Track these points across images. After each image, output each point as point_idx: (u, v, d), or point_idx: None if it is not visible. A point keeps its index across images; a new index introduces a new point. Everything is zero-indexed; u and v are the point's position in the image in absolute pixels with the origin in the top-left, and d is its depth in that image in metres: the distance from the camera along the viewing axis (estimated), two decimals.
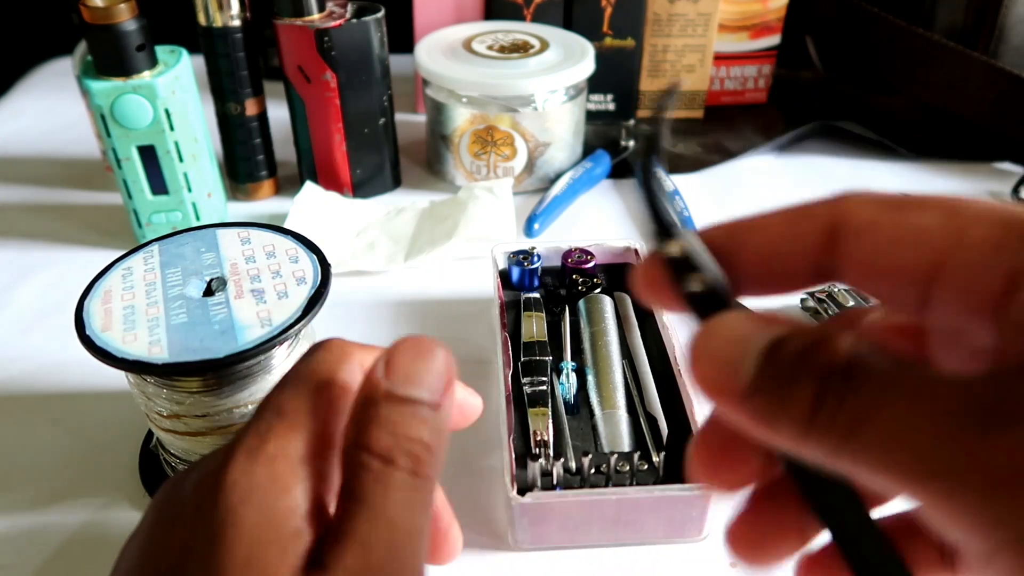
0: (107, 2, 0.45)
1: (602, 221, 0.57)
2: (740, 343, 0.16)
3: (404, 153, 0.63)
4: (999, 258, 0.16)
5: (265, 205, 0.58)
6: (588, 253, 0.45)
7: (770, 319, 0.17)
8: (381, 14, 0.53)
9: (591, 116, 0.69)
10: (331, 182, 0.57)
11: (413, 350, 0.22)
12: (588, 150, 0.62)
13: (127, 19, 0.45)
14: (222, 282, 0.33)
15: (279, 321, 0.31)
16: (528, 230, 0.54)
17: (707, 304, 0.18)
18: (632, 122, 0.68)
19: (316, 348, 0.23)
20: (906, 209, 0.18)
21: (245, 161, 0.57)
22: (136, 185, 0.49)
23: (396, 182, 0.60)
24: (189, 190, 0.50)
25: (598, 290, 0.43)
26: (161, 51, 0.49)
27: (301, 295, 0.32)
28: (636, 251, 0.46)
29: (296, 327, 0.30)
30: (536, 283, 0.45)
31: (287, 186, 0.59)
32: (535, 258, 0.45)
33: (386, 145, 0.57)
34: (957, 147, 0.65)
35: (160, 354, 0.29)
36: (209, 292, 0.33)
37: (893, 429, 0.14)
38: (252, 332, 0.30)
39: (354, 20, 0.51)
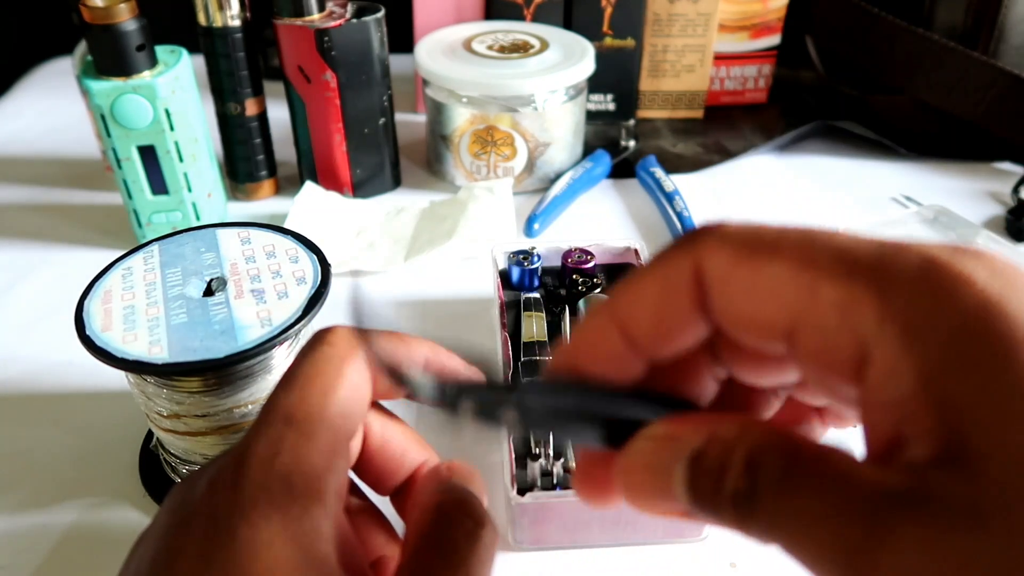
0: (107, 2, 0.45)
1: (602, 221, 0.57)
2: (663, 460, 0.17)
3: (404, 153, 0.63)
4: (846, 323, 0.16)
5: (265, 205, 0.58)
6: (588, 253, 0.45)
7: (684, 429, 0.17)
8: (381, 14, 0.53)
9: (591, 116, 0.69)
10: (331, 182, 0.57)
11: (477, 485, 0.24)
12: (588, 150, 0.63)
13: (127, 19, 0.45)
14: (222, 282, 0.33)
15: (279, 321, 0.31)
16: (528, 230, 0.54)
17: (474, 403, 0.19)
18: (632, 122, 0.68)
19: (318, 339, 0.23)
20: (758, 258, 0.17)
21: (245, 161, 0.57)
22: (136, 185, 0.49)
23: (396, 182, 0.60)
24: (189, 190, 0.50)
25: (598, 290, 0.43)
26: (161, 51, 0.49)
27: (301, 295, 0.32)
28: (636, 251, 0.46)
29: (296, 327, 0.30)
30: (536, 283, 0.45)
31: (287, 186, 0.59)
32: (535, 258, 0.45)
33: (386, 145, 0.57)
34: (957, 147, 0.65)
35: (160, 354, 0.29)
36: (209, 292, 0.33)
37: (796, 527, 0.15)
38: (252, 332, 0.30)
39: (354, 20, 0.51)
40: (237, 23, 0.51)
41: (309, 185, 0.56)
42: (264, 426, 0.21)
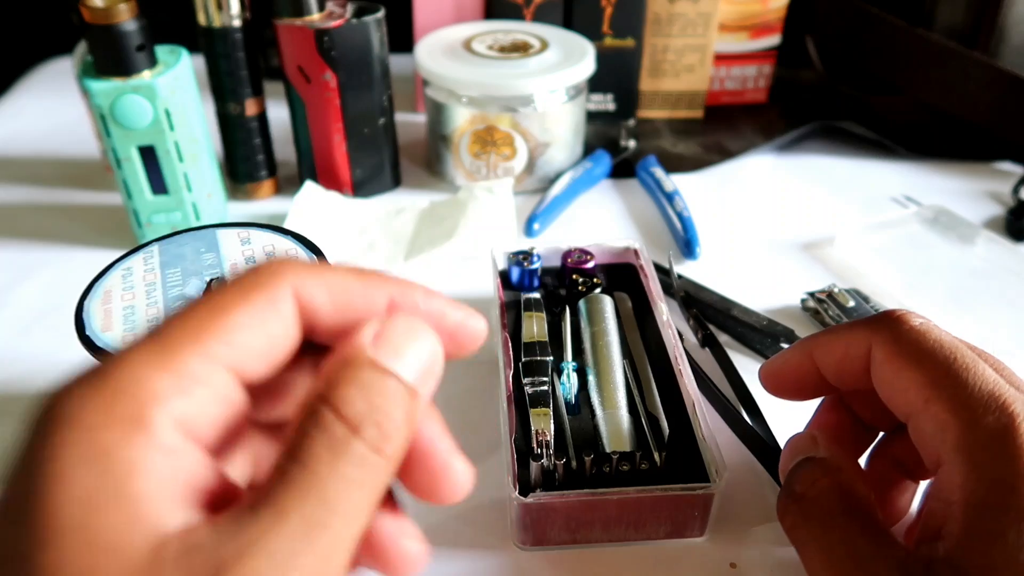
0: (107, 2, 0.45)
1: (602, 221, 0.57)
2: (787, 460, 0.30)
3: (404, 153, 0.63)
4: (936, 436, 0.25)
5: (265, 205, 0.58)
6: (588, 253, 0.45)
7: (809, 444, 0.29)
8: (381, 14, 0.53)
9: (591, 116, 0.69)
10: (331, 182, 0.57)
11: (408, 329, 0.19)
12: (588, 150, 0.63)
13: (127, 19, 0.45)
14: (222, 282, 0.33)
15: None
16: (528, 230, 0.54)
17: None
18: (632, 122, 0.68)
19: (267, 263, 0.20)
20: (906, 361, 0.26)
21: (245, 161, 0.56)
22: (136, 185, 0.49)
23: (396, 182, 0.60)
24: (189, 190, 0.50)
25: (598, 290, 0.43)
26: (161, 51, 0.49)
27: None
28: (636, 251, 0.46)
29: None
30: (536, 283, 0.45)
31: (287, 186, 0.59)
32: (535, 258, 0.44)
33: (386, 145, 0.57)
34: (957, 147, 0.65)
35: None
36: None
37: (811, 571, 0.26)
38: None
39: (354, 20, 0.51)
40: (237, 23, 0.51)
41: (309, 185, 0.56)
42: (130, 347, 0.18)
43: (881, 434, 0.31)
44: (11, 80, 0.81)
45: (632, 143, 0.65)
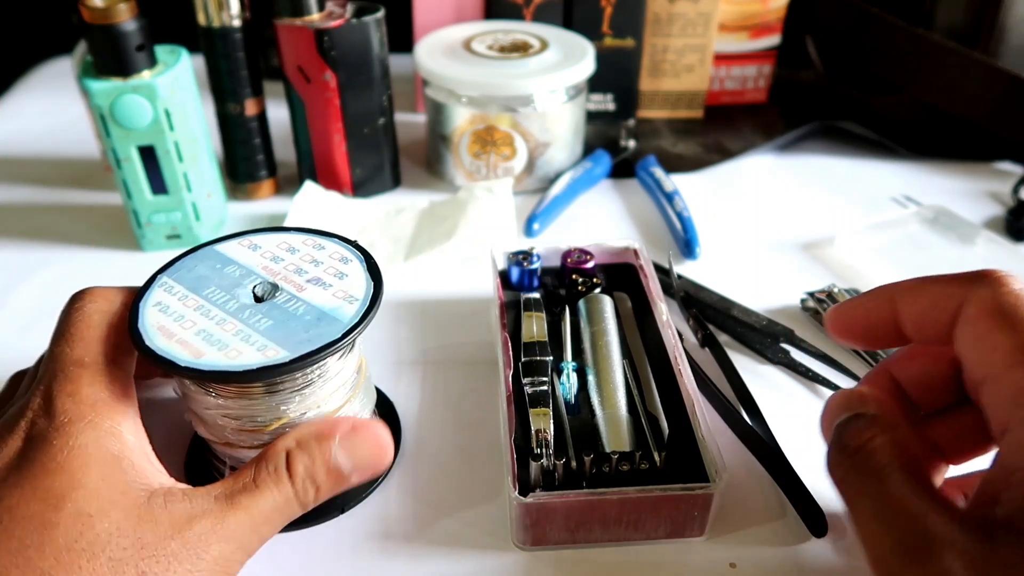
0: (107, 2, 0.45)
1: (602, 221, 0.57)
2: (833, 414, 0.28)
3: (404, 153, 0.63)
4: (1009, 404, 0.24)
5: (265, 205, 0.58)
6: (587, 253, 0.45)
7: (858, 397, 0.28)
8: (381, 14, 0.53)
9: (591, 116, 0.69)
10: (331, 182, 0.57)
11: (375, 449, 0.30)
12: (588, 150, 0.63)
13: (127, 19, 0.45)
14: (270, 286, 0.32)
15: (360, 294, 0.31)
16: (528, 230, 0.54)
17: None
18: (632, 122, 0.68)
19: (78, 298, 0.30)
20: (994, 324, 0.25)
21: (245, 161, 0.57)
22: (136, 185, 0.49)
23: (396, 182, 0.60)
24: (189, 190, 0.50)
25: (598, 290, 0.43)
26: (161, 51, 0.49)
27: (358, 269, 0.32)
28: (635, 251, 0.46)
29: (380, 288, 0.32)
30: (536, 283, 0.45)
31: (287, 186, 0.59)
32: (534, 258, 0.44)
33: (386, 145, 0.57)
34: (957, 147, 0.65)
35: (281, 354, 0.29)
36: (258, 300, 0.32)
37: (861, 524, 0.25)
38: (347, 308, 0.31)
39: (354, 20, 0.51)
40: (237, 23, 0.51)
41: (309, 185, 0.56)
42: (58, 371, 0.28)
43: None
44: (11, 80, 0.81)
45: (632, 143, 0.65)
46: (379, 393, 0.39)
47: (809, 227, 0.56)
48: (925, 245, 0.53)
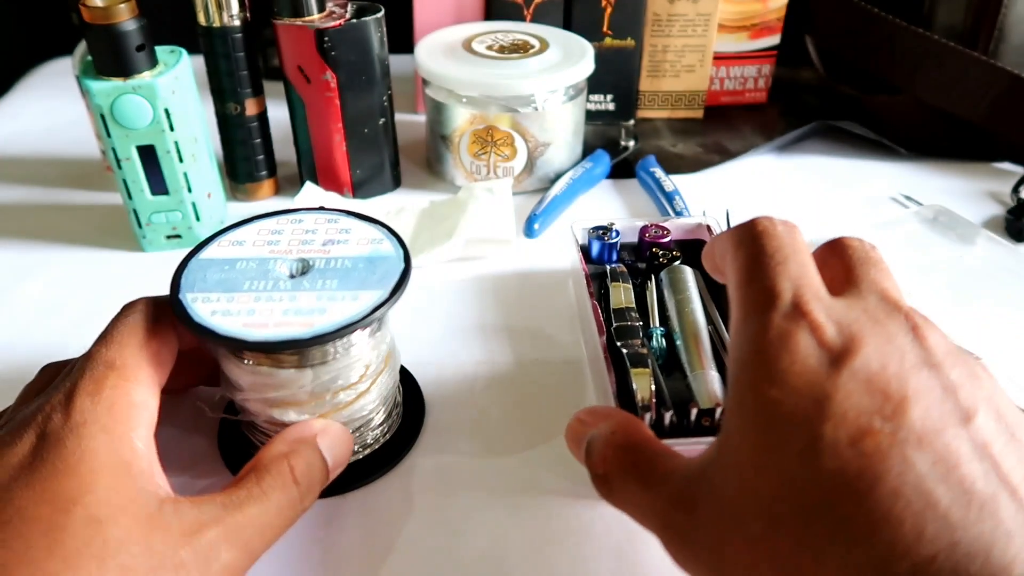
0: (107, 2, 0.45)
1: (602, 221, 0.57)
2: (579, 436, 0.30)
3: (404, 153, 0.63)
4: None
5: (265, 205, 0.58)
6: (664, 228, 0.47)
7: (594, 418, 0.30)
8: (381, 14, 0.53)
9: (591, 116, 0.69)
10: (331, 182, 0.57)
11: (346, 444, 0.32)
12: (588, 150, 0.63)
13: (127, 19, 0.45)
14: (303, 262, 0.32)
15: (376, 235, 0.32)
16: (528, 230, 0.54)
17: None
18: (632, 122, 0.68)
19: (127, 309, 0.31)
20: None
21: (245, 161, 0.57)
22: (136, 185, 0.49)
23: (396, 182, 0.60)
24: (189, 190, 0.50)
25: (677, 262, 0.45)
26: (161, 51, 0.49)
27: (354, 222, 0.33)
28: (708, 227, 0.47)
29: (388, 226, 0.33)
30: (615, 257, 0.47)
31: (287, 186, 0.59)
32: (614, 233, 0.46)
33: (386, 145, 0.57)
34: (957, 147, 0.65)
35: (379, 294, 0.30)
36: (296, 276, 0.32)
37: (629, 507, 0.27)
38: (383, 247, 0.32)
39: (354, 20, 0.51)
40: (237, 23, 0.51)
41: (309, 186, 0.56)
42: (87, 370, 0.28)
43: None
44: (11, 80, 0.81)
45: (632, 143, 0.65)
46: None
47: (809, 227, 0.55)
48: (925, 245, 0.52)
